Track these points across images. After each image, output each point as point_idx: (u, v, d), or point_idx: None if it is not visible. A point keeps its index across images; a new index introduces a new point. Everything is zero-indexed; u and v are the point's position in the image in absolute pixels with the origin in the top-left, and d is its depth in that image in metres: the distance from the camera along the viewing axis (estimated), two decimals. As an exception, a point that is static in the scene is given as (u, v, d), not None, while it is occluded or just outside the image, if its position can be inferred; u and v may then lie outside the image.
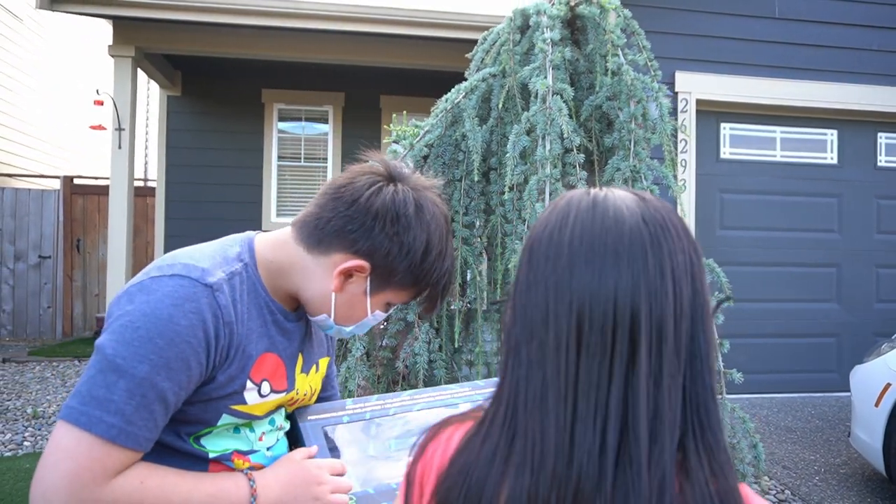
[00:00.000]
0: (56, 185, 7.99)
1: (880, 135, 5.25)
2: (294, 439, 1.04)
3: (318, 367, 1.07)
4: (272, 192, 7.05)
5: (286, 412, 1.04)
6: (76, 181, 7.70)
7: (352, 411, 1.07)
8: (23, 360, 6.17)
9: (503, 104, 2.61)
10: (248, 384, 0.90)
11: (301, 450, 0.98)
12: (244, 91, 6.95)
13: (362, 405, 1.08)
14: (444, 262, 0.95)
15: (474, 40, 2.95)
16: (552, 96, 2.35)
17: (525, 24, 2.73)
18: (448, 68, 5.56)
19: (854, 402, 3.39)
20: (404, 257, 0.91)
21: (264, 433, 0.97)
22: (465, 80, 2.76)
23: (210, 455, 0.90)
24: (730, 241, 5.03)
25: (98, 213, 7.50)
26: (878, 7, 5.02)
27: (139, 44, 5.63)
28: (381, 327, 2.57)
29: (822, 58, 4.96)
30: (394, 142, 4.51)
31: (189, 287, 0.82)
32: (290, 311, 0.97)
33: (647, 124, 2.49)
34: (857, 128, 5.20)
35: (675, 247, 0.56)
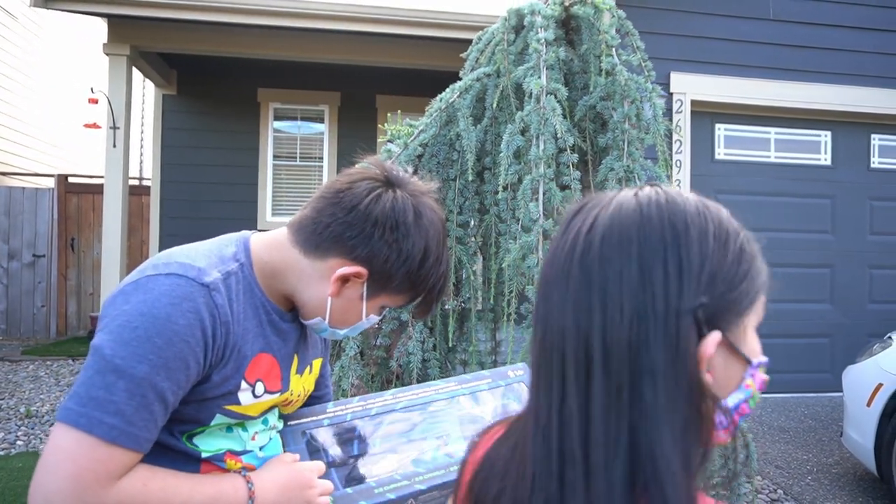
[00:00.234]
0: (50, 183, 7.96)
1: (873, 136, 5.28)
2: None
3: (311, 369, 1.07)
4: (268, 191, 7.04)
5: (279, 412, 1.04)
6: (70, 180, 7.67)
7: (332, 414, 1.07)
8: (16, 359, 6.14)
9: (497, 104, 2.61)
10: (243, 384, 0.89)
11: (289, 454, 0.98)
12: (240, 90, 6.93)
13: (343, 407, 1.08)
14: (441, 267, 0.96)
15: (470, 40, 2.95)
16: (546, 96, 2.35)
17: (519, 23, 2.73)
18: (444, 68, 5.56)
19: (846, 403, 3.41)
20: (402, 264, 0.91)
21: (257, 433, 0.97)
22: (460, 79, 2.76)
23: (203, 455, 0.90)
24: (724, 242, 5.03)
25: (93, 212, 7.47)
26: (872, 9, 5.04)
27: (134, 42, 5.62)
28: (375, 326, 2.57)
29: (817, 59, 4.99)
30: (388, 141, 4.52)
31: (186, 286, 0.82)
32: (285, 311, 0.97)
33: (640, 125, 2.50)
34: (851, 129, 5.23)
35: (611, 263, 0.52)
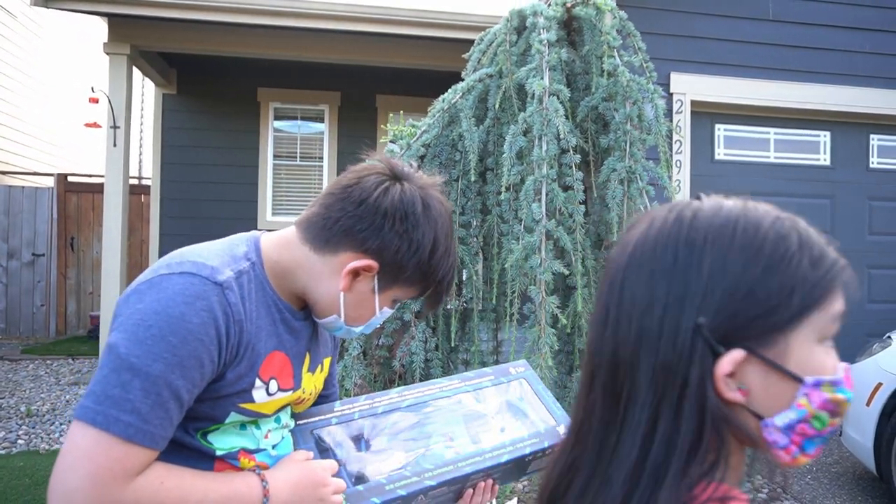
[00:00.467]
0: (50, 182, 7.95)
1: (872, 136, 5.29)
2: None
3: (322, 367, 1.08)
4: (268, 190, 7.04)
5: (292, 411, 1.04)
6: (70, 179, 7.67)
7: (340, 413, 1.07)
8: (16, 358, 6.14)
9: (500, 104, 2.62)
10: (257, 382, 0.90)
11: (301, 452, 0.99)
12: (240, 89, 6.93)
13: (350, 406, 1.09)
14: (450, 258, 0.97)
15: (470, 40, 2.96)
16: (549, 97, 2.36)
17: (522, 24, 2.74)
18: (444, 68, 5.56)
19: (846, 402, 3.42)
20: (413, 254, 0.92)
21: (270, 431, 0.98)
22: (462, 80, 2.77)
23: (217, 452, 0.91)
24: (723, 242, 5.04)
25: (92, 211, 7.47)
26: (871, 10, 5.05)
27: (135, 41, 5.61)
28: (378, 326, 2.58)
29: (816, 60, 5.00)
30: (391, 141, 4.52)
31: (199, 285, 0.82)
32: (297, 310, 0.98)
33: (642, 125, 2.51)
34: (850, 129, 5.24)
35: (626, 273, 0.53)
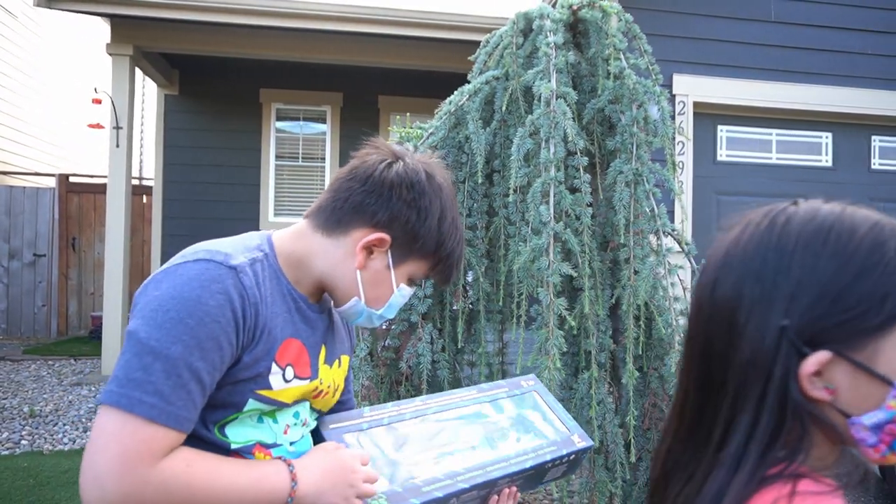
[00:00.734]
0: (51, 182, 7.96)
1: (874, 138, 5.30)
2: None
3: (340, 363, 1.09)
4: (270, 191, 7.05)
5: (313, 407, 1.04)
6: (72, 179, 7.67)
7: (370, 418, 1.09)
8: (18, 359, 6.15)
9: (506, 107, 2.62)
10: (274, 367, 0.91)
11: (331, 443, 1.00)
12: (242, 90, 6.94)
13: (379, 412, 1.11)
14: (458, 230, 1.01)
15: (472, 41, 2.97)
16: (556, 100, 2.37)
17: (528, 27, 2.74)
18: (446, 69, 5.57)
19: (849, 403, 3.43)
20: (423, 223, 0.96)
21: (289, 426, 0.98)
22: (467, 82, 2.77)
23: (232, 446, 0.91)
24: (726, 243, 5.06)
25: (94, 212, 7.47)
26: (873, 11, 5.07)
27: (137, 42, 5.62)
28: (384, 327, 2.59)
29: (818, 61, 5.01)
30: (397, 143, 4.53)
31: (214, 269, 0.84)
32: (312, 302, 0.99)
33: (648, 128, 2.51)
34: (852, 131, 5.25)
35: (719, 274, 0.62)
